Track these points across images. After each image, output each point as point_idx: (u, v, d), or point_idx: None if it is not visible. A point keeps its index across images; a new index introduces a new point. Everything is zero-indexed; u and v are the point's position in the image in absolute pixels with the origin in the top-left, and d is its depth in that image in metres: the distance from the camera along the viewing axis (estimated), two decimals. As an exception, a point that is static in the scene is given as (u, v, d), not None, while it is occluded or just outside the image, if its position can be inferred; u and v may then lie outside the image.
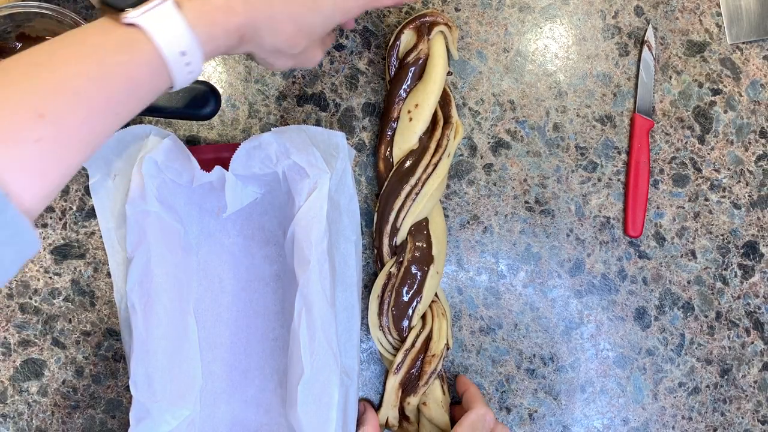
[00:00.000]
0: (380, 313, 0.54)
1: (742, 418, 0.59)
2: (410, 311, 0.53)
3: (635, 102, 0.61)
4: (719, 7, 0.62)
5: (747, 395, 0.60)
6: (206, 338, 0.54)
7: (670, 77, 0.62)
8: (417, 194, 0.53)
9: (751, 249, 0.61)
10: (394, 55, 0.57)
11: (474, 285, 0.59)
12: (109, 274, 0.56)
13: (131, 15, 0.34)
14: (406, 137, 0.55)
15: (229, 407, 0.54)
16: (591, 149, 0.61)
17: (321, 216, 0.48)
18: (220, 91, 0.59)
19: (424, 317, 0.54)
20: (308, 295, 0.47)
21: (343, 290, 0.52)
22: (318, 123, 0.59)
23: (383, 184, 0.55)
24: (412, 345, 0.53)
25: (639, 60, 0.62)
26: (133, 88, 0.34)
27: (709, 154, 0.61)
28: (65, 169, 0.32)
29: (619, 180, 0.61)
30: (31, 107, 0.30)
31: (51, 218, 0.56)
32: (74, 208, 0.56)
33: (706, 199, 0.61)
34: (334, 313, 0.48)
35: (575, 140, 0.61)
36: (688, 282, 0.60)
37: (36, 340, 0.56)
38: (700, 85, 0.62)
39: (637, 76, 0.61)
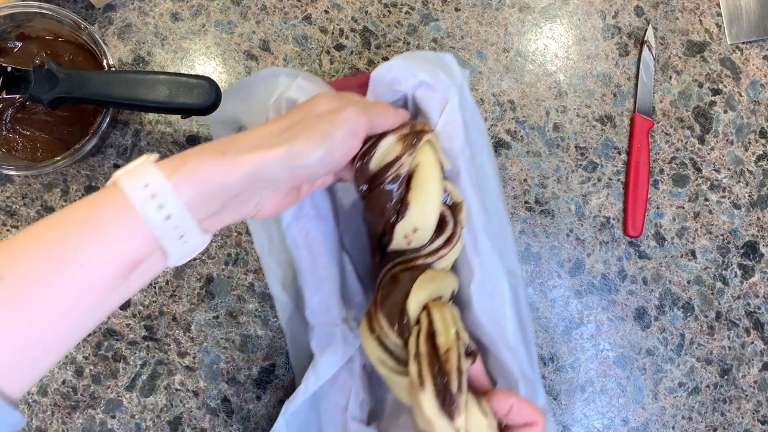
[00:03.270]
0: (371, 329, 0.45)
1: (742, 418, 0.59)
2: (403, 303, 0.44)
3: (635, 102, 0.61)
4: (719, 7, 0.62)
5: (747, 395, 0.60)
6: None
7: (670, 77, 0.62)
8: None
9: (751, 249, 0.61)
10: (366, 165, 0.44)
11: (474, 285, 0.59)
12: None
13: (111, 179, 0.33)
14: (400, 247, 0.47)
15: None
16: (591, 149, 0.61)
17: (458, 127, 0.48)
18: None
19: (419, 319, 0.44)
20: (466, 199, 0.48)
21: (488, 197, 0.52)
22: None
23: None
24: (417, 349, 0.41)
25: (639, 60, 0.62)
26: (91, 231, 0.31)
27: (709, 154, 0.61)
28: (32, 334, 0.30)
29: (619, 180, 0.61)
30: None
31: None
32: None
33: (706, 199, 0.61)
34: (488, 216, 0.49)
35: (575, 140, 0.61)
36: (688, 282, 0.60)
37: (36, 340, 0.56)
38: (700, 85, 0.62)
39: (637, 76, 0.61)
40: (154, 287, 0.57)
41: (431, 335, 0.41)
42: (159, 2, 0.60)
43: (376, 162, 0.44)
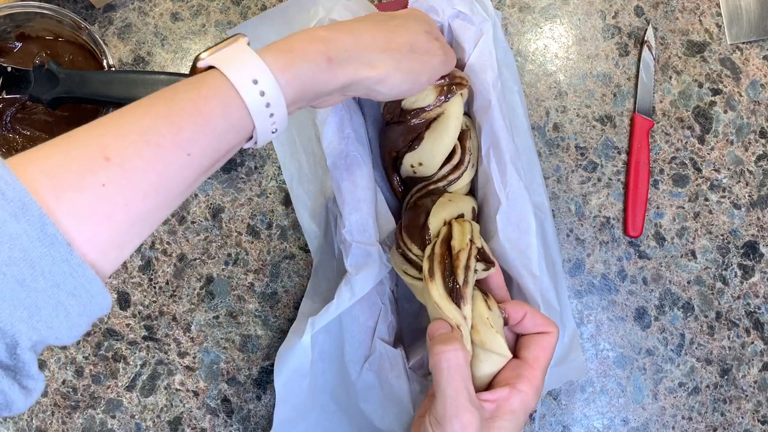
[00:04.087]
0: (397, 246, 0.50)
1: (742, 418, 0.59)
2: (424, 223, 0.48)
3: (635, 102, 0.61)
4: (719, 7, 0.62)
5: (747, 395, 0.60)
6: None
7: (670, 77, 0.62)
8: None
9: (751, 249, 0.61)
10: (399, 101, 0.50)
11: (474, 285, 0.59)
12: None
13: (202, 60, 0.34)
14: (409, 175, 0.53)
15: None
16: (591, 149, 0.61)
17: (492, 60, 0.50)
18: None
19: (440, 232, 0.48)
20: (495, 131, 0.49)
21: (517, 135, 0.54)
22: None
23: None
24: (433, 251, 0.45)
25: (639, 60, 0.62)
26: (201, 122, 0.32)
27: (709, 154, 0.61)
28: (134, 215, 0.30)
29: (619, 180, 0.61)
30: (96, 151, 0.29)
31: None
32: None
33: (706, 199, 0.61)
34: (516, 148, 0.50)
35: (575, 140, 0.61)
36: (688, 282, 0.60)
37: (36, 340, 0.56)
38: (700, 85, 0.62)
39: (637, 76, 0.61)
40: (154, 287, 0.57)
41: (448, 241, 0.45)
42: (159, 2, 0.60)
43: (409, 102, 0.49)
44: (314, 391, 0.51)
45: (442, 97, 0.48)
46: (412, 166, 0.51)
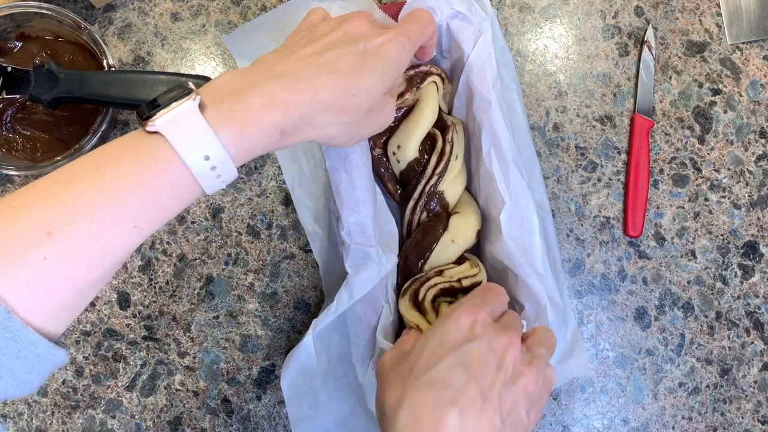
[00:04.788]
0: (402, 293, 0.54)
1: (742, 418, 0.59)
2: (421, 261, 0.52)
3: (635, 102, 0.61)
4: (719, 7, 0.62)
5: (747, 395, 0.60)
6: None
7: (670, 77, 0.62)
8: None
9: (751, 249, 0.61)
10: None
11: (474, 285, 0.59)
12: (109, 274, 0.56)
13: (152, 123, 0.33)
14: (396, 168, 0.55)
15: None
16: (591, 149, 0.61)
17: (491, 59, 0.51)
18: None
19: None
20: (496, 131, 0.50)
21: (516, 134, 0.54)
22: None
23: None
24: (418, 277, 0.51)
25: (639, 60, 0.62)
26: (151, 199, 0.32)
27: (709, 154, 0.61)
28: (81, 285, 0.31)
29: (619, 180, 0.61)
30: (38, 226, 0.30)
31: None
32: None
33: (706, 199, 0.61)
34: (518, 147, 0.51)
35: (575, 140, 0.61)
36: (688, 282, 0.60)
37: (36, 340, 0.56)
38: (700, 85, 0.62)
39: (637, 76, 0.61)
40: (154, 287, 0.57)
41: (441, 272, 0.51)
42: (159, 2, 0.60)
43: None
44: (339, 393, 0.52)
45: (414, 88, 0.52)
46: (394, 153, 0.53)
